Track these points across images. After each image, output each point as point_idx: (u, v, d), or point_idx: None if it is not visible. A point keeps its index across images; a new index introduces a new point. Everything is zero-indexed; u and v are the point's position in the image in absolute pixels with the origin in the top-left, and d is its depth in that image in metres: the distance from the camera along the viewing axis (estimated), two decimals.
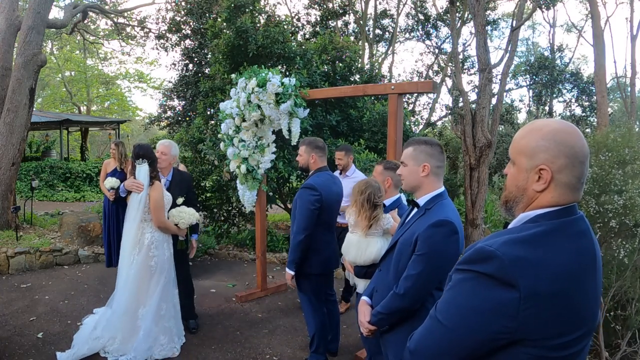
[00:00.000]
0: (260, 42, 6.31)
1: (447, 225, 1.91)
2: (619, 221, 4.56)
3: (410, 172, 2.09)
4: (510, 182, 1.24)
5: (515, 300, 1.04)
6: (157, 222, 3.68)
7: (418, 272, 1.92)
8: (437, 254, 1.91)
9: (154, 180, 3.70)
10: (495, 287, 1.07)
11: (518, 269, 1.05)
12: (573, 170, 1.14)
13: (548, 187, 1.15)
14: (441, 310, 1.18)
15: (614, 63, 52.85)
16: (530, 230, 1.12)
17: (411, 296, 1.94)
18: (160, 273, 3.72)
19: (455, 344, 1.14)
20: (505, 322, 1.06)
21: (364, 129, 6.54)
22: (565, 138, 1.14)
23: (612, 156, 4.89)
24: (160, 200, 3.67)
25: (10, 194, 7.32)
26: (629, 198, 4.53)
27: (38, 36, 7.31)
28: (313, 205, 3.29)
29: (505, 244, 1.09)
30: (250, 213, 6.06)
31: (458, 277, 1.17)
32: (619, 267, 4.77)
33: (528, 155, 1.17)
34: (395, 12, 15.89)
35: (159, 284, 3.70)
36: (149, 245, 3.67)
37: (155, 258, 3.69)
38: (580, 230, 1.15)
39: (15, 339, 3.97)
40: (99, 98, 27.31)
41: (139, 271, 3.65)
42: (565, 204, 1.15)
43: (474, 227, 8.43)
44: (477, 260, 1.11)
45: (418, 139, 2.15)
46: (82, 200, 13.17)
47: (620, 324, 4.99)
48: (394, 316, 2.01)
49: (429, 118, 14.72)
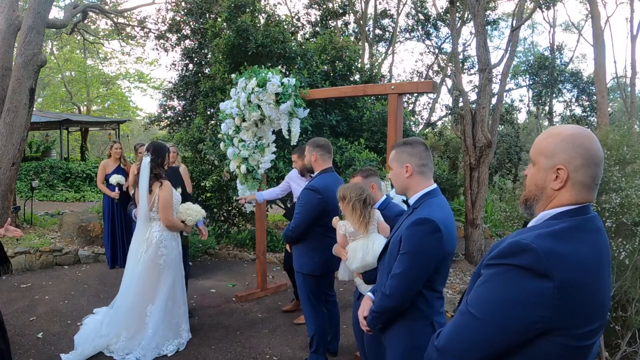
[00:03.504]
0: (260, 41, 6.31)
1: (428, 223, 1.89)
2: (616, 220, 4.56)
3: (396, 174, 2.10)
4: (530, 181, 1.32)
5: (549, 290, 1.11)
6: (165, 221, 3.73)
7: (401, 271, 1.92)
8: (419, 252, 1.90)
9: (162, 180, 3.74)
10: (530, 278, 1.13)
11: (552, 260, 1.12)
12: (588, 171, 1.22)
13: (565, 186, 1.24)
14: (474, 304, 1.21)
15: (614, 63, 52.90)
16: (558, 226, 1.20)
17: (397, 295, 1.94)
18: (168, 271, 3.75)
19: (490, 337, 1.18)
20: (540, 312, 1.12)
21: (363, 128, 6.54)
22: (582, 141, 1.23)
23: (612, 155, 4.89)
24: (169, 200, 3.71)
25: (10, 194, 7.31)
26: (626, 196, 4.53)
27: (38, 36, 7.30)
28: (314, 208, 3.28)
29: (538, 238, 1.16)
30: (250, 213, 6.06)
31: (490, 271, 1.21)
32: (619, 268, 4.78)
33: (547, 156, 1.26)
34: (395, 12, 15.89)
35: (167, 281, 3.74)
36: (157, 243, 3.71)
37: (164, 256, 3.73)
38: (597, 227, 1.24)
39: (15, 339, 3.96)
40: (99, 98, 27.29)
41: (146, 268, 3.68)
42: (582, 202, 1.24)
43: (474, 227, 8.43)
44: (512, 254, 1.17)
45: (400, 141, 2.16)
46: (82, 200, 13.16)
47: (620, 324, 4.99)
48: (385, 315, 2.02)
49: (429, 118, 14.72)
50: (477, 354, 1.20)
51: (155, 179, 3.72)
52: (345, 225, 2.77)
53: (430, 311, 2.00)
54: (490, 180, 12.26)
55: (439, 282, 2.02)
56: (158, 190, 3.71)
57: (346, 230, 2.76)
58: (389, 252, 2.07)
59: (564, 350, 1.15)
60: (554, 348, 1.14)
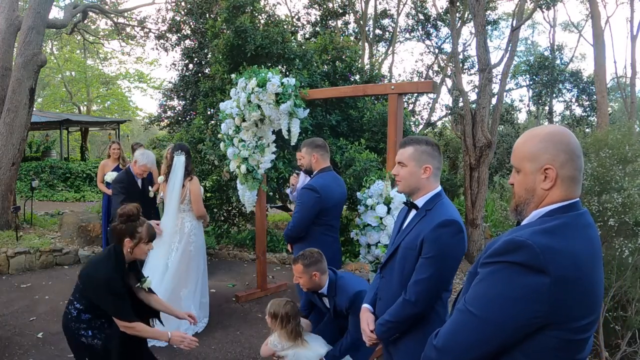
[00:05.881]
0: (260, 42, 6.30)
1: (454, 224, 1.88)
2: (618, 219, 4.56)
3: (411, 173, 2.00)
4: (519, 187, 1.33)
5: (546, 285, 1.12)
6: (198, 212, 4.19)
7: (428, 276, 1.86)
8: (447, 254, 1.87)
9: (192, 174, 4.21)
10: (527, 274, 1.14)
11: (548, 256, 1.13)
12: (573, 164, 1.25)
13: (555, 184, 1.26)
14: (473, 303, 1.22)
15: (614, 63, 52.82)
16: (552, 223, 1.21)
17: (423, 301, 1.88)
18: (197, 257, 4.24)
19: (489, 334, 1.18)
20: (538, 307, 1.13)
21: (364, 129, 6.53)
22: (561, 138, 1.26)
23: (613, 153, 4.89)
24: (199, 192, 4.21)
25: (10, 194, 7.32)
26: (628, 196, 4.53)
27: (38, 36, 7.30)
28: (311, 207, 3.29)
29: (533, 234, 1.18)
30: (250, 213, 6.06)
31: (487, 269, 1.22)
32: (619, 267, 4.77)
33: (531, 160, 1.28)
34: (395, 12, 15.88)
35: (199, 267, 4.25)
36: (188, 233, 4.18)
37: (194, 244, 4.20)
38: (589, 223, 1.26)
39: (15, 339, 3.96)
40: (99, 98, 27.29)
41: (182, 256, 4.13)
42: (572, 198, 1.26)
43: (474, 227, 8.42)
44: (508, 251, 1.18)
45: (416, 138, 2.07)
46: (82, 200, 13.16)
47: (620, 324, 4.99)
48: (405, 324, 1.93)
49: (429, 118, 14.70)
50: (477, 351, 1.20)
51: (187, 175, 4.16)
52: (275, 341, 2.84)
53: (444, 311, 1.98)
54: (491, 180, 12.26)
55: (451, 281, 2.02)
56: (189, 184, 4.15)
57: (278, 346, 2.84)
58: (400, 257, 1.99)
59: (561, 344, 1.16)
60: (551, 342, 1.16)
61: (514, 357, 1.19)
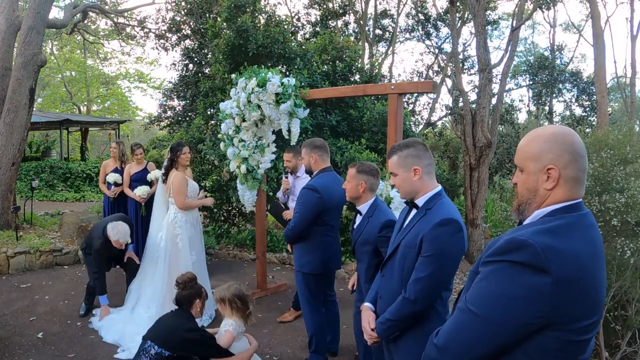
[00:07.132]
0: (260, 42, 6.30)
1: (453, 223, 1.89)
2: (621, 219, 4.56)
3: (403, 180, 2.04)
4: (522, 187, 1.33)
5: (548, 285, 1.11)
6: (177, 203, 4.26)
7: (428, 274, 1.87)
8: (446, 253, 1.88)
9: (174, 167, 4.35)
10: (528, 273, 1.13)
11: (549, 256, 1.13)
12: (577, 164, 1.25)
13: (558, 184, 1.25)
14: (474, 302, 1.21)
15: (614, 63, 52.87)
16: (554, 222, 1.21)
17: (423, 299, 1.89)
18: (190, 249, 4.29)
19: (490, 333, 1.18)
20: (539, 307, 1.12)
21: (364, 129, 6.53)
22: (564, 138, 1.26)
23: (614, 154, 4.89)
24: (179, 184, 4.24)
25: (10, 194, 7.31)
26: (631, 196, 4.53)
27: (38, 36, 7.30)
28: (312, 207, 3.29)
29: (535, 234, 1.17)
30: (250, 213, 6.06)
31: (488, 268, 1.21)
32: (619, 267, 4.77)
33: (534, 159, 1.28)
34: (395, 12, 15.89)
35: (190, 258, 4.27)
36: (172, 222, 4.26)
37: (180, 235, 4.25)
38: (592, 223, 1.25)
39: (15, 339, 3.96)
40: (99, 98, 27.30)
41: (167, 246, 4.22)
42: (575, 198, 1.26)
43: (474, 227, 8.43)
44: (509, 250, 1.17)
45: (398, 145, 2.10)
46: (82, 200, 13.16)
47: (620, 324, 4.98)
48: (405, 322, 1.95)
49: (429, 118, 14.70)
50: (478, 351, 1.20)
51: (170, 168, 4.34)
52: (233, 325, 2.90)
53: (444, 310, 1.99)
54: (491, 180, 12.26)
55: (451, 280, 2.02)
56: (172, 177, 4.28)
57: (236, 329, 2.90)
58: (400, 256, 2.01)
59: (562, 344, 1.15)
60: (552, 343, 1.15)
61: (515, 357, 1.19)
